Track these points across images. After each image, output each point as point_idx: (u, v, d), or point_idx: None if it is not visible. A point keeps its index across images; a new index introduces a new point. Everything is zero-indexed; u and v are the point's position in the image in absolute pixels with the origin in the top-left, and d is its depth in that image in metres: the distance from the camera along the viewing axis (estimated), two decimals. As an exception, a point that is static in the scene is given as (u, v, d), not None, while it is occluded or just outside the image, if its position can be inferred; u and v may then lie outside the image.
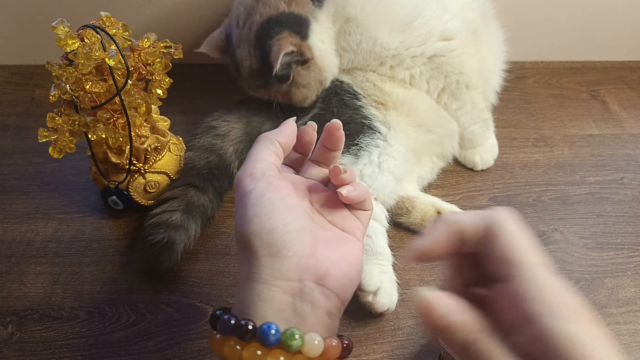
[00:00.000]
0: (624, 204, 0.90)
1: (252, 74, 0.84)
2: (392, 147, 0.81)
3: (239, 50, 0.84)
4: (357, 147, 0.80)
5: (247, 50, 0.83)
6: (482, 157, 0.93)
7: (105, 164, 0.78)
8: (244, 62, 0.84)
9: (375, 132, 0.82)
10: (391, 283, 0.72)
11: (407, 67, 0.86)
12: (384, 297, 0.70)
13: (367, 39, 0.83)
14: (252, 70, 0.84)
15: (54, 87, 0.69)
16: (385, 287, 0.70)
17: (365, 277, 0.70)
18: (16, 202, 0.84)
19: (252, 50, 0.82)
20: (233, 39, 0.85)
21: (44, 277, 0.74)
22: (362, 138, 0.81)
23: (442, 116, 0.89)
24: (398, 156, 0.81)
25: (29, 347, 0.66)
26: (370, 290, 0.70)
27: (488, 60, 0.96)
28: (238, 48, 0.84)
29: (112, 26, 0.71)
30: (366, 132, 0.81)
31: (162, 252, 0.73)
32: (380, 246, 0.74)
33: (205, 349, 0.67)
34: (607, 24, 1.17)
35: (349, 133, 0.82)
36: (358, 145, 0.80)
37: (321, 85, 0.86)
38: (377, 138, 0.81)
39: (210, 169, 0.83)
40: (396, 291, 0.72)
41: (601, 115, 1.08)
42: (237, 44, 0.84)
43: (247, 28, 0.82)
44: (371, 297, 0.70)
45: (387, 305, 0.70)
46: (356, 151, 0.80)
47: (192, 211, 0.78)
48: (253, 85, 0.87)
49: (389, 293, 0.70)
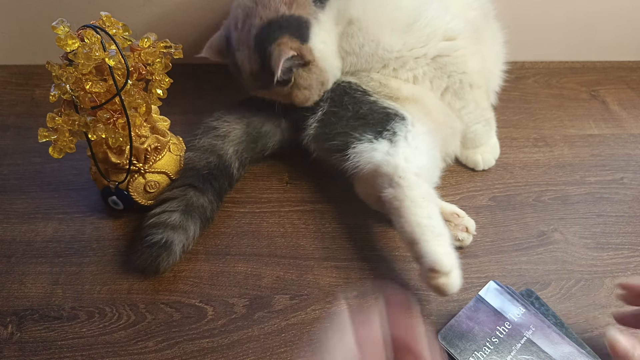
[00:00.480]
0: (624, 204, 0.90)
1: (252, 76, 0.84)
2: (420, 130, 0.81)
3: (239, 53, 0.83)
4: (391, 133, 0.80)
5: (246, 53, 0.82)
6: (484, 157, 0.94)
7: (105, 164, 0.78)
8: (244, 65, 0.84)
9: (403, 118, 0.81)
10: (458, 265, 0.70)
11: (410, 68, 0.86)
12: (456, 277, 0.68)
13: (369, 42, 0.83)
14: (252, 73, 0.84)
15: (54, 87, 0.69)
16: (457, 266, 0.69)
17: (440, 258, 0.67)
18: (16, 202, 0.84)
19: (251, 54, 0.82)
20: (232, 41, 0.84)
21: (44, 277, 0.74)
22: (393, 124, 0.80)
23: (448, 115, 0.89)
24: (429, 139, 0.81)
25: (29, 347, 0.66)
26: (446, 270, 0.67)
27: (489, 61, 0.96)
28: (237, 51, 0.83)
29: (112, 26, 0.71)
30: (394, 118, 0.81)
31: (160, 252, 0.73)
32: (443, 227, 0.72)
33: (205, 349, 0.68)
34: (607, 24, 1.17)
35: (374, 122, 0.81)
36: (391, 130, 0.80)
37: (323, 86, 0.85)
38: (408, 124, 0.81)
39: (210, 170, 0.83)
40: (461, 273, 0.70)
41: (601, 115, 1.08)
42: (236, 46, 0.84)
43: (246, 31, 0.81)
44: (444, 278, 0.67)
45: (458, 286, 0.68)
46: (390, 136, 0.79)
47: (191, 212, 0.78)
48: (254, 87, 0.87)
49: (459, 274, 0.69)
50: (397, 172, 0.75)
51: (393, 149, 0.78)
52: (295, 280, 0.76)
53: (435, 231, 0.71)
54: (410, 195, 0.73)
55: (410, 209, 0.73)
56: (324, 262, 0.79)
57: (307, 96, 0.84)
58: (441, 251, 0.69)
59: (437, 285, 0.68)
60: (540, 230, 0.85)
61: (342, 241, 0.82)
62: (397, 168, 0.76)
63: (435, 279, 0.68)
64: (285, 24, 0.79)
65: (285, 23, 0.79)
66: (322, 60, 0.82)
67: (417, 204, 0.73)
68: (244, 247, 0.80)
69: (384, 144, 0.79)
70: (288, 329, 0.70)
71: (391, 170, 0.76)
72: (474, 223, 0.82)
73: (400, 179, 0.75)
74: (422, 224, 0.71)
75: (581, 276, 0.78)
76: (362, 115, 0.83)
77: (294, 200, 0.88)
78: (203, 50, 0.88)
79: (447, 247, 0.70)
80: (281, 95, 0.86)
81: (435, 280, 0.68)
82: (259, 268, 0.77)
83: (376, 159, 0.78)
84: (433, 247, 0.69)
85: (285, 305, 0.73)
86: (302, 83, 0.82)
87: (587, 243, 0.83)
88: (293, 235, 0.82)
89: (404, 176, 0.75)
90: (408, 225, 0.72)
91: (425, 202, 0.73)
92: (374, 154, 0.79)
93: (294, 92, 0.84)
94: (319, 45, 0.82)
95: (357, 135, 0.81)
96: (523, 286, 0.77)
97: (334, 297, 0.74)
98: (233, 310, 0.72)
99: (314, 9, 0.81)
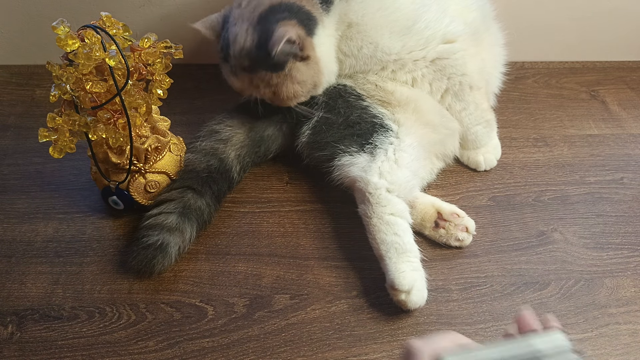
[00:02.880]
0: (623, 204, 0.90)
1: (242, 52, 0.80)
2: (405, 143, 0.82)
3: (234, 28, 0.81)
4: (372, 146, 0.81)
5: (245, 28, 0.80)
6: (486, 158, 0.94)
7: (106, 164, 0.78)
8: (237, 39, 0.80)
9: (387, 130, 0.82)
10: (422, 280, 0.73)
11: (409, 70, 0.86)
12: (416, 295, 0.71)
13: (367, 44, 0.83)
14: (243, 49, 0.80)
15: (54, 87, 0.69)
16: (417, 285, 0.71)
17: (398, 277, 0.71)
18: (16, 202, 0.84)
19: (250, 29, 0.79)
20: (230, 18, 0.82)
21: (44, 277, 0.74)
22: (376, 136, 0.81)
23: (444, 115, 0.89)
24: (412, 151, 0.82)
25: (29, 347, 0.66)
26: (404, 289, 0.70)
27: (488, 63, 0.96)
28: (234, 26, 0.81)
29: (113, 26, 0.71)
30: (379, 131, 0.82)
31: (155, 254, 0.73)
32: (409, 243, 0.74)
33: (206, 349, 0.68)
34: (607, 24, 1.17)
35: (361, 132, 0.82)
36: (372, 143, 0.81)
37: (314, 89, 0.85)
38: (390, 135, 0.82)
39: (210, 173, 0.83)
40: (426, 288, 0.73)
41: (601, 115, 1.08)
42: (233, 22, 0.81)
43: (250, 8, 0.80)
44: (404, 295, 0.71)
45: (420, 302, 0.71)
46: (371, 149, 0.81)
47: (188, 214, 0.78)
48: (237, 67, 0.82)
49: (421, 290, 0.72)
50: (367, 189, 0.77)
51: (369, 164, 0.79)
52: (295, 280, 0.76)
53: (399, 248, 0.73)
54: (377, 212, 0.76)
55: (377, 226, 0.75)
56: (324, 262, 0.79)
57: (296, 92, 0.82)
58: (402, 269, 0.72)
59: (399, 301, 0.72)
60: (540, 230, 0.85)
61: (342, 241, 0.82)
62: (368, 184, 0.77)
63: (396, 296, 0.72)
64: (295, 9, 0.79)
65: (296, 9, 0.79)
66: (321, 60, 0.82)
67: (384, 220, 0.75)
68: (244, 247, 0.80)
69: (364, 158, 0.80)
70: (288, 329, 0.70)
71: (363, 187, 0.78)
72: (474, 223, 0.82)
73: (370, 196, 0.77)
74: (386, 241, 0.74)
75: (581, 276, 0.79)
76: (351, 122, 0.83)
77: (294, 200, 0.88)
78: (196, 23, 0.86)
79: (409, 265, 0.73)
80: (266, 86, 0.82)
81: (396, 296, 0.72)
82: (259, 268, 0.77)
83: (353, 173, 0.80)
84: (395, 265, 0.72)
85: (285, 304, 0.73)
86: (297, 76, 0.81)
87: (587, 243, 0.83)
88: (293, 235, 0.82)
89: (374, 193, 0.77)
90: (374, 241, 0.76)
91: (392, 219, 0.75)
92: (352, 168, 0.80)
93: (285, 83, 0.81)
94: (320, 47, 0.82)
95: (342, 147, 0.82)
96: (523, 286, 0.77)
97: (334, 297, 0.74)
98: (233, 310, 0.72)
99: (320, 10, 0.81)
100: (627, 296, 0.76)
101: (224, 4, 0.87)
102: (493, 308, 0.74)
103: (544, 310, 0.74)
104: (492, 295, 0.76)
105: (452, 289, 0.76)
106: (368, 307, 0.73)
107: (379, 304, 0.74)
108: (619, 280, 0.78)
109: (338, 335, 0.70)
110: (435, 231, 0.81)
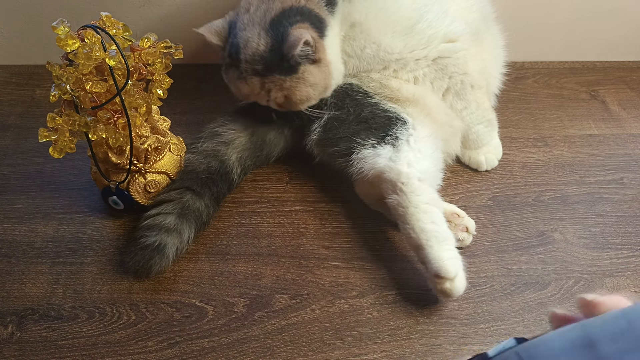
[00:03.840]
0: (623, 204, 0.90)
1: (255, 56, 0.80)
2: (422, 134, 0.82)
3: (244, 33, 0.81)
4: (393, 137, 0.80)
5: (256, 32, 0.80)
6: (487, 157, 0.94)
7: (106, 164, 0.78)
8: (249, 43, 0.80)
9: (405, 122, 0.82)
10: (462, 267, 0.72)
11: (411, 69, 0.86)
12: (460, 282, 0.71)
13: (370, 44, 0.83)
14: (256, 53, 0.80)
15: (54, 87, 0.69)
16: (461, 272, 0.71)
17: (444, 264, 0.70)
18: (16, 202, 0.84)
19: (263, 33, 0.79)
20: (238, 24, 0.82)
21: (44, 277, 0.74)
22: (395, 128, 0.81)
23: (448, 114, 0.89)
24: (431, 141, 0.82)
25: (29, 347, 0.66)
26: (450, 276, 0.70)
27: (488, 64, 0.96)
28: (243, 31, 0.81)
29: (113, 26, 0.71)
30: (396, 123, 0.82)
31: (152, 255, 0.73)
32: (447, 231, 0.74)
33: (206, 349, 0.68)
34: (607, 24, 1.17)
35: (377, 126, 0.82)
36: (393, 135, 0.80)
37: (324, 91, 0.85)
38: (409, 127, 0.82)
39: (210, 174, 0.83)
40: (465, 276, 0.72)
41: (601, 115, 1.08)
42: (242, 27, 0.81)
43: (260, 13, 0.80)
44: (449, 283, 0.70)
45: (462, 290, 0.71)
46: (393, 141, 0.80)
47: (186, 215, 0.78)
48: (248, 73, 0.82)
49: (463, 278, 0.71)
50: (400, 179, 0.76)
51: (396, 155, 0.79)
52: (295, 280, 0.76)
53: (439, 237, 0.72)
54: (414, 201, 0.75)
55: (415, 215, 0.74)
56: (324, 262, 0.79)
57: (309, 95, 0.82)
58: (446, 257, 0.71)
59: (443, 290, 0.71)
60: (540, 230, 0.85)
61: (342, 241, 0.82)
62: (400, 174, 0.76)
63: (441, 284, 0.70)
64: (306, 12, 0.79)
65: (307, 12, 0.79)
66: (331, 63, 0.82)
67: (421, 209, 0.74)
68: (244, 247, 0.80)
69: (387, 149, 0.80)
70: (288, 329, 0.70)
71: (394, 177, 0.76)
72: (474, 223, 0.82)
73: (403, 185, 0.75)
74: (426, 230, 0.73)
75: (581, 276, 0.79)
76: (363, 118, 0.83)
77: (294, 200, 0.88)
78: (200, 28, 0.85)
79: (451, 252, 0.72)
80: (278, 89, 0.82)
81: (441, 285, 0.70)
82: (259, 268, 0.77)
83: (379, 165, 0.79)
84: (438, 253, 0.71)
85: (285, 304, 0.73)
86: (310, 79, 0.81)
87: (587, 243, 0.83)
88: (293, 235, 0.82)
89: (407, 182, 0.76)
90: (413, 231, 0.74)
91: (429, 207, 0.74)
92: (377, 159, 0.79)
93: (298, 86, 0.81)
94: (330, 48, 0.82)
95: (360, 140, 0.81)
96: (523, 286, 0.77)
97: (334, 297, 0.75)
98: (233, 310, 0.72)
99: (326, 12, 0.81)
100: (627, 296, 0.76)
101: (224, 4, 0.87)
102: (493, 308, 0.74)
103: (544, 310, 0.74)
104: (492, 295, 0.76)
105: (452, 289, 0.76)
106: (368, 307, 0.73)
107: (379, 303, 0.74)
108: (619, 280, 0.78)
109: (338, 335, 0.70)
110: (435, 231, 0.81)
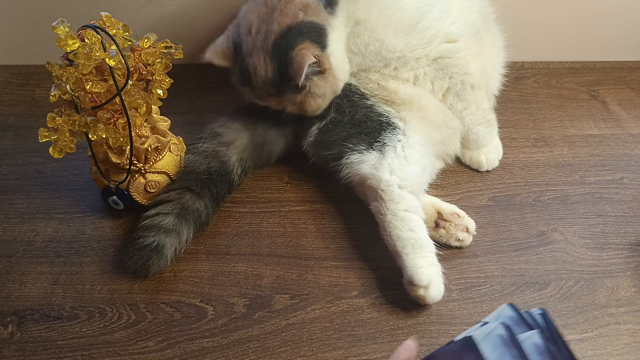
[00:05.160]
0: (623, 204, 0.90)
1: (266, 82, 0.82)
2: (412, 140, 0.82)
3: (252, 59, 0.82)
4: (381, 144, 0.81)
5: (262, 59, 0.81)
6: (488, 158, 0.94)
7: (106, 164, 0.78)
8: (258, 71, 0.82)
9: (395, 128, 0.83)
10: (439, 275, 0.73)
11: (411, 68, 0.87)
12: (435, 289, 0.72)
13: (374, 41, 0.84)
14: (266, 79, 0.82)
15: (55, 87, 0.69)
16: (435, 280, 0.72)
17: (417, 272, 0.71)
18: (16, 202, 0.84)
19: (268, 59, 0.80)
20: (243, 46, 0.83)
21: (44, 277, 0.74)
22: (384, 134, 0.82)
23: (447, 115, 0.89)
24: (420, 148, 0.82)
25: (29, 347, 0.66)
26: (422, 284, 0.71)
27: (489, 64, 0.96)
28: (250, 56, 0.82)
29: (113, 26, 0.71)
30: (386, 129, 0.82)
31: (150, 255, 0.73)
32: (424, 238, 0.75)
33: (206, 349, 0.68)
34: (607, 24, 1.17)
35: (368, 130, 0.82)
36: (381, 141, 0.81)
37: (333, 95, 0.85)
38: (398, 133, 0.82)
39: (210, 175, 0.83)
40: (442, 282, 0.73)
41: (601, 115, 1.08)
42: (249, 51, 0.82)
43: (262, 35, 0.80)
44: (423, 291, 0.71)
45: (437, 297, 0.72)
46: (380, 147, 0.81)
47: (185, 215, 0.78)
48: (264, 94, 0.85)
49: (439, 285, 0.72)
50: (380, 186, 0.78)
51: (380, 162, 0.80)
52: (295, 280, 0.76)
53: (416, 244, 0.74)
54: (392, 209, 0.76)
55: (392, 222, 0.76)
56: (324, 262, 0.79)
57: (320, 105, 0.84)
58: (420, 265, 0.72)
59: (417, 296, 0.72)
60: (540, 230, 0.85)
61: (342, 241, 0.82)
62: (380, 181, 0.78)
63: (415, 291, 0.72)
64: (305, 29, 0.79)
65: (306, 29, 0.79)
66: (336, 67, 0.82)
67: (399, 217, 0.76)
68: (244, 247, 0.80)
69: (373, 156, 0.80)
70: (288, 329, 0.70)
71: (375, 184, 0.78)
72: (474, 223, 0.82)
73: (382, 193, 0.77)
74: (402, 237, 0.74)
75: (581, 276, 0.79)
76: (357, 121, 0.84)
77: (294, 200, 0.88)
78: (206, 54, 0.85)
79: (427, 260, 0.73)
80: (292, 104, 0.85)
81: (415, 292, 0.72)
82: (259, 268, 0.77)
83: (363, 171, 0.80)
84: (413, 260, 0.72)
85: (285, 304, 0.73)
86: (317, 91, 0.82)
87: (587, 243, 0.83)
88: (293, 235, 0.82)
89: (387, 190, 0.77)
90: (390, 238, 0.75)
91: (407, 215, 0.76)
92: (362, 166, 0.80)
93: (307, 100, 0.83)
94: (333, 54, 0.82)
95: (350, 145, 0.82)
96: (523, 286, 0.77)
97: (334, 297, 0.75)
98: (233, 310, 0.72)
99: (326, 15, 0.81)
100: (627, 296, 0.76)
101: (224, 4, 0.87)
102: (493, 308, 0.74)
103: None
104: (492, 295, 0.76)
105: (452, 289, 0.76)
106: (368, 307, 0.73)
107: (379, 304, 0.74)
108: (619, 280, 0.78)
109: (338, 335, 0.70)
110: (435, 231, 0.81)
